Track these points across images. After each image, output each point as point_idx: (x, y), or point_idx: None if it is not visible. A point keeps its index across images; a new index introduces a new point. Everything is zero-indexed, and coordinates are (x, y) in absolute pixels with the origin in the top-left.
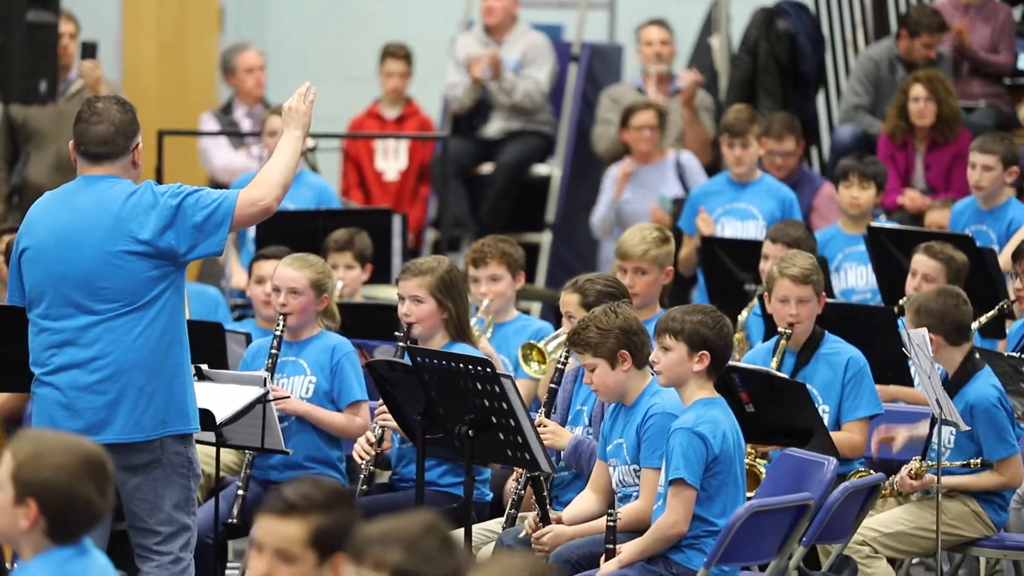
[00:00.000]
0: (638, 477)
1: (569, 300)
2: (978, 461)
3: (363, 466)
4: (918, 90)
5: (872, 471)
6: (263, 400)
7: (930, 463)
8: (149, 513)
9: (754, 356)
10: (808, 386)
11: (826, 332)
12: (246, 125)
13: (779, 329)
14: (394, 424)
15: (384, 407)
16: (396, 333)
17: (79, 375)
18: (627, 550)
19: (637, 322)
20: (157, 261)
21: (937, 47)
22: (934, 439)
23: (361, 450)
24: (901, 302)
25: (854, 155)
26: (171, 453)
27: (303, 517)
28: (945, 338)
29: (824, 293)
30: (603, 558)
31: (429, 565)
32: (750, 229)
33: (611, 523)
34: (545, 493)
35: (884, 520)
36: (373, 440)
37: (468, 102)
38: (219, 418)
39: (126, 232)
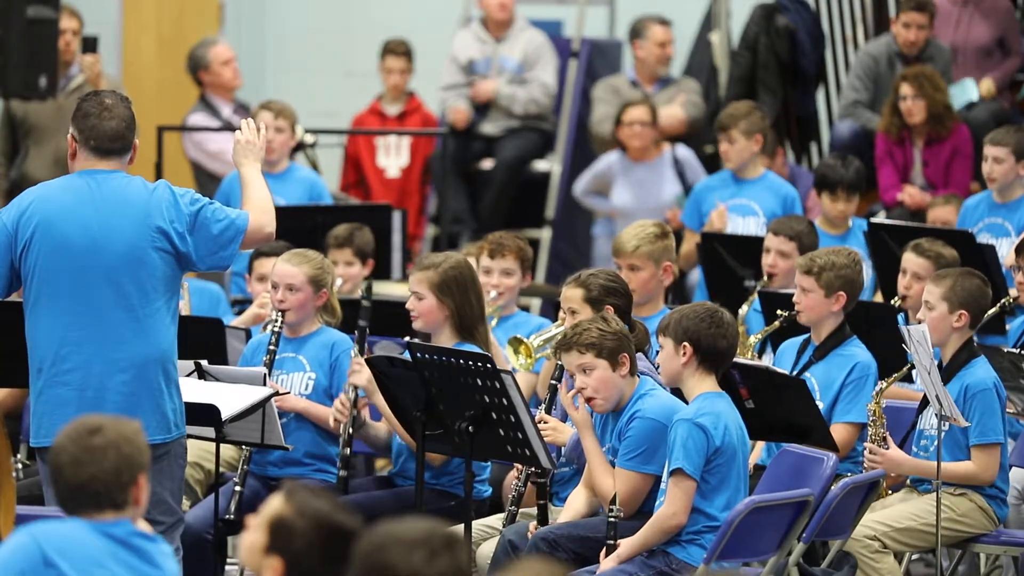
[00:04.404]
0: None
1: (572, 295)
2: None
3: (340, 428)
4: (905, 88)
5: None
6: (269, 399)
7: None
8: (154, 505)
9: (783, 350)
10: (812, 380)
11: (854, 337)
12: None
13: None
14: (362, 381)
15: (354, 366)
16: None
17: (104, 372)
18: (626, 544)
19: (627, 331)
20: (174, 261)
21: (922, 29)
22: (930, 430)
23: (338, 410)
24: (893, 301)
25: (834, 164)
26: (177, 445)
27: (281, 500)
28: (972, 318)
29: (843, 293)
30: (603, 553)
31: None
32: (750, 225)
33: (612, 519)
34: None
35: (894, 515)
36: (348, 402)
37: (464, 120)
38: (225, 415)
39: (153, 227)
